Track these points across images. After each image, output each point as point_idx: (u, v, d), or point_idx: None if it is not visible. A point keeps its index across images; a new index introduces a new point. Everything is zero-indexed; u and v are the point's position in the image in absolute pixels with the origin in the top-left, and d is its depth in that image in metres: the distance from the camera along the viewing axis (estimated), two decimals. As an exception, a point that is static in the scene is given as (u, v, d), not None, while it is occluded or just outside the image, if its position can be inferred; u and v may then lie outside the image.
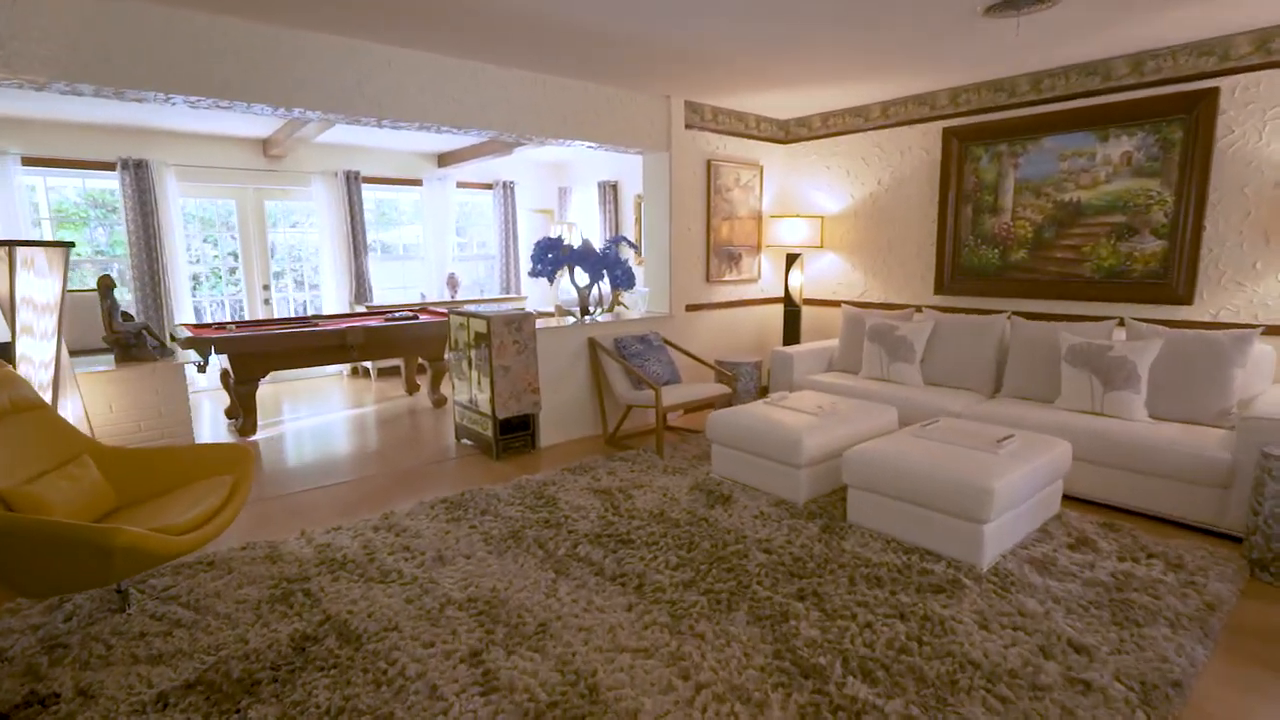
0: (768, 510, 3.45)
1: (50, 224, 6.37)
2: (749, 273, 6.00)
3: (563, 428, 4.87)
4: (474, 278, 8.74)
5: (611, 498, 3.66)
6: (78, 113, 5.49)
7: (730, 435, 3.80)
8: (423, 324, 5.61)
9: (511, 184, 8.39)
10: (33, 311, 2.76)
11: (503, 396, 4.41)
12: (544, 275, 4.77)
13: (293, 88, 3.57)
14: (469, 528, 3.30)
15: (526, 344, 4.48)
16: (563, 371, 4.81)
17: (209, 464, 2.84)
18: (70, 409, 2.90)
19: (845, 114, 5.53)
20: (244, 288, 7.05)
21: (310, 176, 7.07)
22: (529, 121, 4.49)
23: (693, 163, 5.42)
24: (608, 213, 8.05)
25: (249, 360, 4.90)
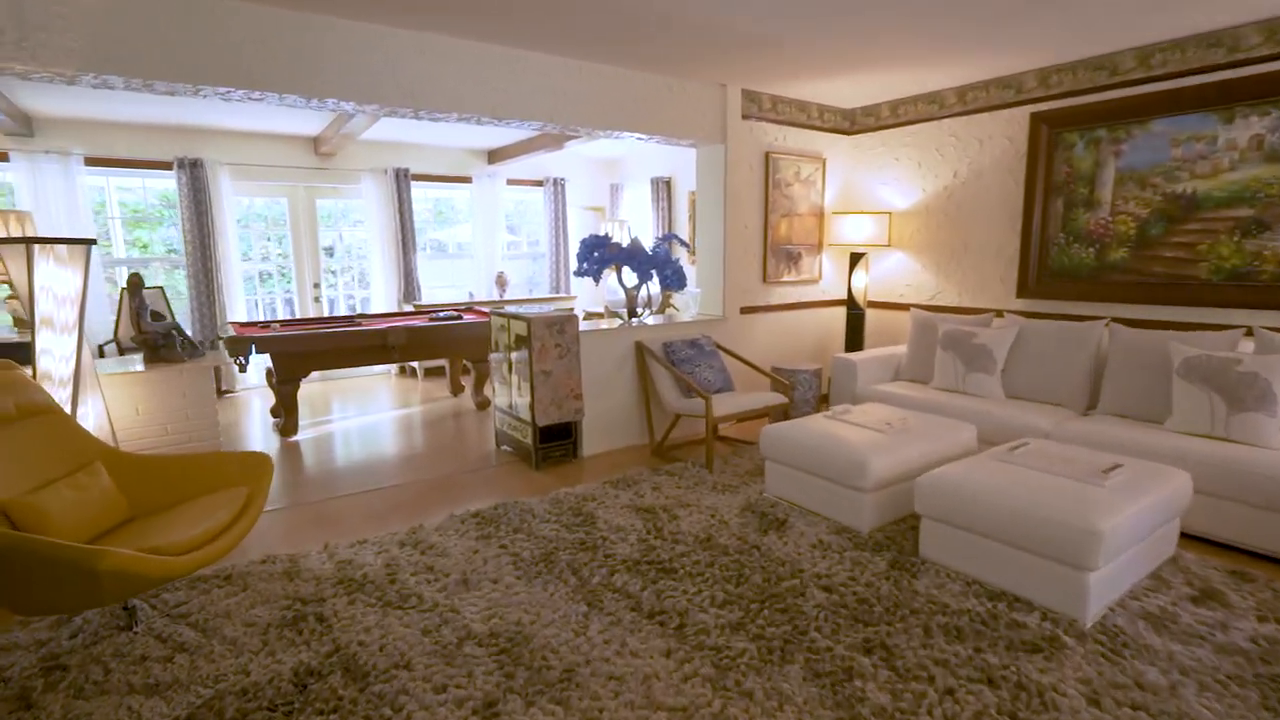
0: (827, 539, 3.09)
1: (120, 223, 6.50)
2: (809, 273, 5.60)
3: (606, 436, 4.60)
4: (523, 276, 8.58)
5: (654, 518, 3.36)
6: (136, 113, 5.54)
7: (787, 452, 3.45)
8: (466, 324, 5.44)
9: (562, 181, 8.19)
10: (53, 310, 2.65)
11: (543, 403, 4.16)
12: (589, 275, 4.51)
13: (323, 77, 3.40)
14: (499, 547, 3.06)
15: (569, 347, 4.23)
16: (608, 377, 4.54)
17: (226, 474, 2.68)
18: (92, 411, 2.80)
19: (917, 101, 5.08)
20: (295, 286, 7.06)
21: (360, 174, 7.02)
22: (575, 112, 4.23)
23: (750, 155, 5.07)
24: (660, 210, 7.75)
25: (290, 360, 4.81)
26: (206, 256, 6.25)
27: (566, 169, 8.30)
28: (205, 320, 6.31)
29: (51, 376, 2.67)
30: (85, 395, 2.78)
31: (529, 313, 4.26)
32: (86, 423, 2.77)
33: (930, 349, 4.55)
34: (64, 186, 5.72)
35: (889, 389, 4.44)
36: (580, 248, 4.57)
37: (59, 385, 2.67)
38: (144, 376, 3.08)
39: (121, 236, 6.51)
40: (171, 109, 5.44)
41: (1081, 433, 3.43)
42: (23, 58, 2.84)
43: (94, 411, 2.81)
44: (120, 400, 3.04)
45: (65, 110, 5.40)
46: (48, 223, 5.67)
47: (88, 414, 2.78)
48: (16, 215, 5.28)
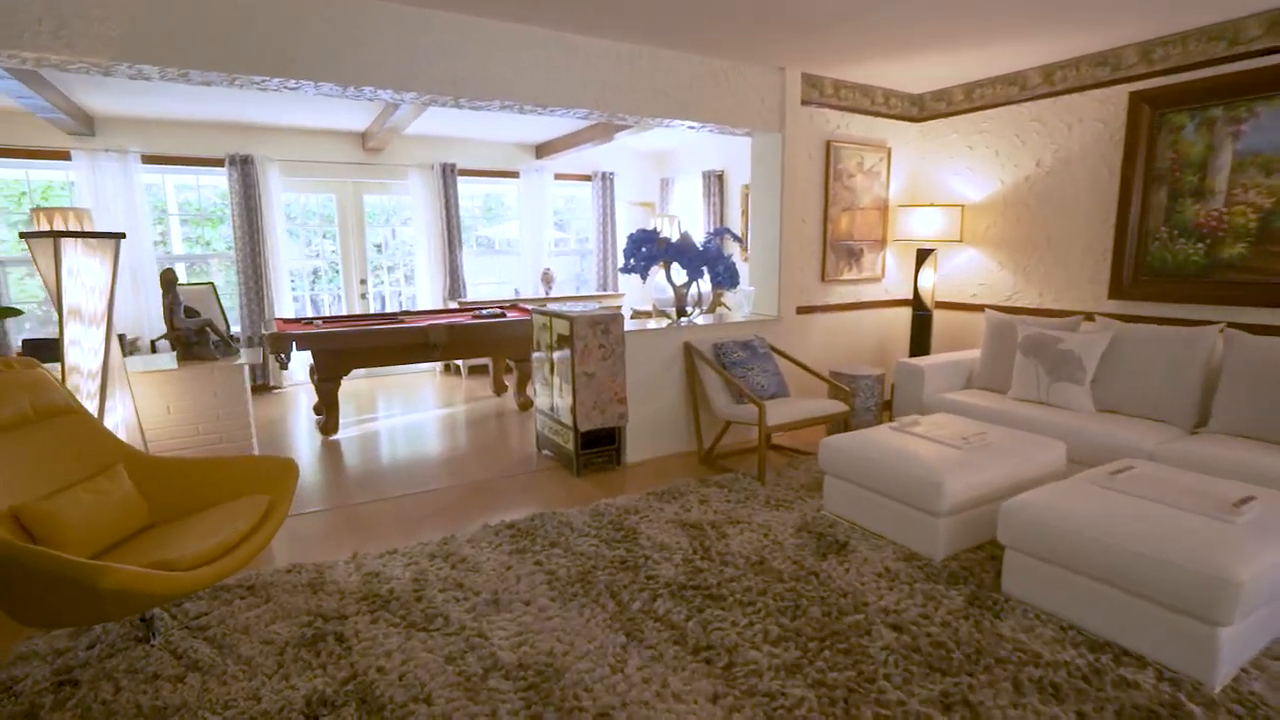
0: (895, 567, 2.77)
1: (178, 220, 6.60)
2: (871, 271, 5.23)
3: (652, 442, 4.35)
4: (570, 273, 8.41)
5: (702, 535, 3.10)
6: (189, 110, 5.57)
7: (848, 467, 3.13)
8: (508, 322, 5.27)
9: (611, 175, 7.98)
10: (81, 306, 2.57)
11: (585, 407, 3.94)
12: (636, 271, 4.27)
13: (359, 65, 3.25)
14: (534, 564, 2.85)
15: (614, 348, 4.00)
16: (654, 379, 4.29)
17: (251, 479, 2.55)
18: (121, 410, 2.71)
19: (995, 83, 4.65)
20: (342, 282, 7.05)
21: (407, 169, 6.96)
22: (623, 99, 3.99)
23: (809, 144, 4.74)
24: (712, 205, 7.46)
25: (331, 357, 4.73)
26: (256, 253, 6.28)
27: (615, 163, 8.09)
28: (255, 317, 6.33)
29: (80, 374, 2.58)
30: (114, 393, 2.69)
31: (571, 311, 4.05)
32: (114, 422, 2.68)
33: (1007, 355, 4.15)
34: (122, 184, 5.80)
35: (960, 398, 4.05)
36: (627, 243, 4.34)
37: (88, 378, 2.59)
38: (176, 375, 3.00)
39: (179, 233, 6.61)
40: (223, 105, 5.45)
41: (1192, 454, 3.01)
42: (58, 47, 2.77)
43: (123, 410, 2.73)
44: (152, 399, 2.95)
45: (123, 108, 5.46)
46: (106, 220, 5.76)
47: (116, 412, 2.70)
48: (75, 213, 5.36)
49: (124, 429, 2.71)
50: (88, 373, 2.60)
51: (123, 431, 2.71)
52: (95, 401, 2.60)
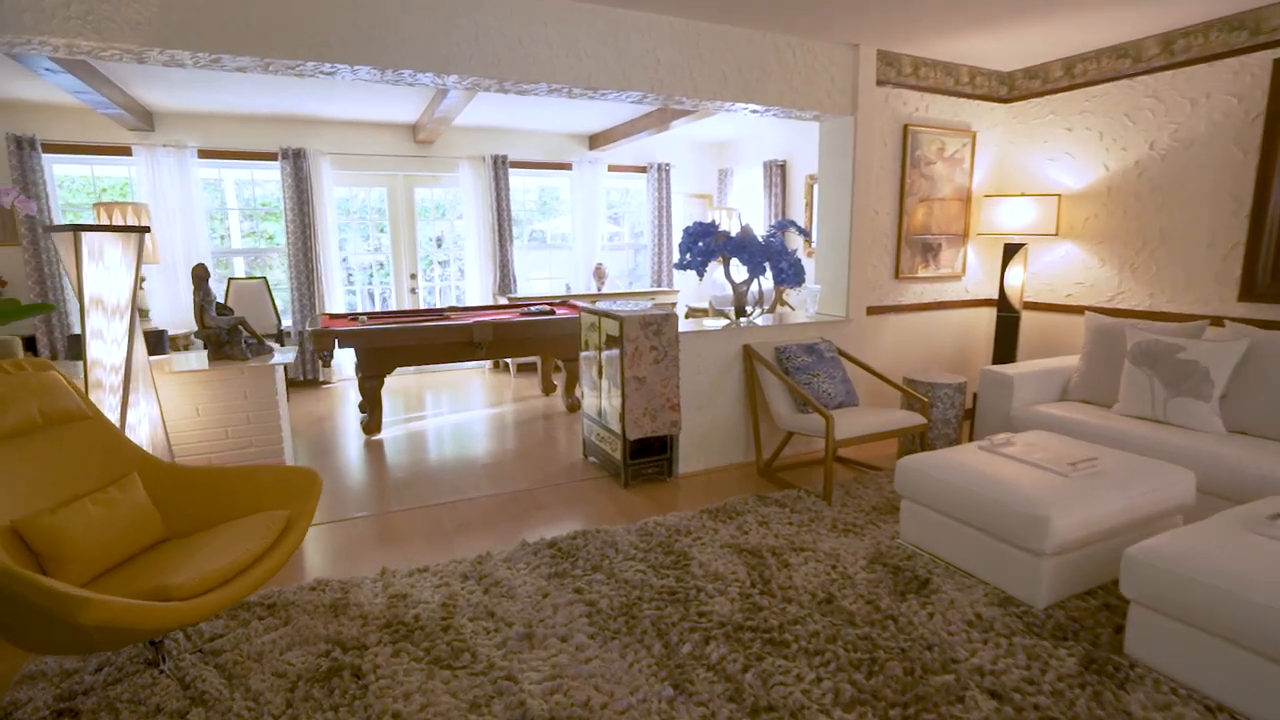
0: (987, 613, 2.38)
1: (239, 214, 6.63)
2: (950, 267, 4.76)
3: (706, 452, 4.03)
4: (624, 269, 8.14)
5: (761, 564, 2.77)
6: (244, 104, 5.53)
7: (930, 492, 2.75)
8: (556, 320, 5.03)
9: (667, 166, 7.66)
10: (103, 305, 2.43)
11: (635, 413, 3.66)
12: (692, 268, 3.95)
13: (397, 47, 3.04)
14: (573, 591, 2.58)
15: (666, 351, 3.69)
16: (710, 385, 3.97)
17: (271, 491, 2.36)
18: (145, 412, 2.57)
19: (1102, 55, 4.12)
20: (392, 277, 6.96)
21: (458, 161, 6.81)
22: (680, 81, 3.67)
23: (884, 129, 4.31)
24: (773, 197, 7.06)
25: (372, 355, 4.58)
26: (307, 247, 6.23)
27: (671, 153, 7.77)
28: (306, 312, 6.30)
29: (103, 369, 2.45)
30: (138, 395, 2.55)
31: (621, 310, 3.76)
32: (139, 426, 2.54)
33: (1113, 364, 3.65)
34: (179, 179, 5.82)
35: (1056, 412, 3.58)
36: (683, 237, 4.02)
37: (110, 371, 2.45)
38: (205, 375, 2.85)
39: (239, 228, 6.64)
40: (276, 98, 5.38)
41: (1358, 490, 2.50)
42: (87, 33, 2.64)
43: (148, 413, 2.59)
44: (180, 400, 2.82)
45: (180, 103, 5.46)
46: (163, 215, 5.80)
47: (141, 415, 2.56)
48: (134, 207, 5.40)
49: (148, 432, 2.58)
50: (110, 368, 2.46)
51: (146, 435, 2.57)
52: (118, 402, 2.46)
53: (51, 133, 5.51)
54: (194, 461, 2.86)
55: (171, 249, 5.86)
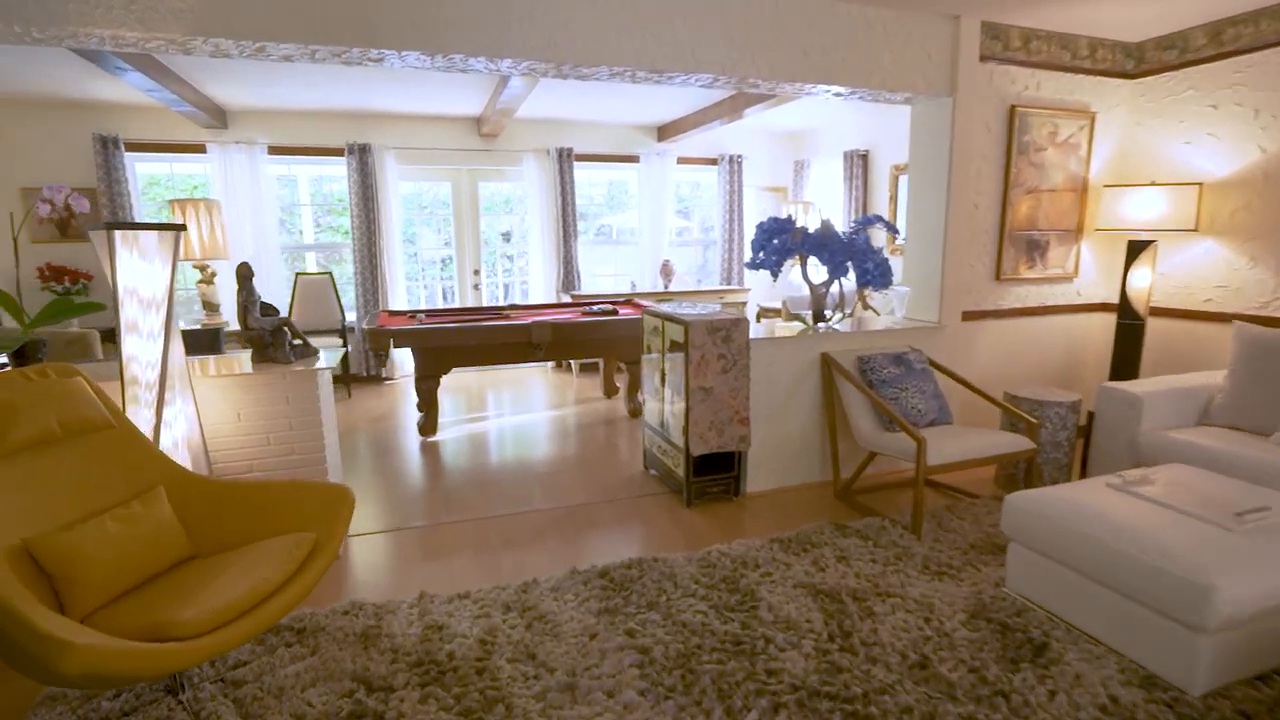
0: (1125, 696, 1.94)
1: (311, 210, 6.68)
2: (1060, 267, 4.21)
3: (777, 469, 3.67)
4: (692, 266, 7.80)
5: (841, 610, 2.41)
6: (312, 99, 5.50)
7: (1046, 536, 2.31)
8: (619, 321, 4.76)
9: (739, 158, 7.27)
10: (138, 304, 2.31)
11: (699, 427, 3.34)
12: (767, 267, 3.59)
13: (446, 30, 2.82)
14: (624, 633, 2.29)
15: (736, 359, 3.36)
16: (783, 396, 3.61)
17: (300, 508, 2.18)
18: (182, 417, 2.45)
19: (1261, 17, 3.50)
20: (456, 273, 6.87)
21: (522, 155, 6.63)
22: (755, 61, 3.31)
23: (988, 110, 3.82)
24: (854, 190, 6.56)
25: (428, 355, 4.44)
26: (371, 243, 6.19)
27: (744, 144, 7.37)
28: (370, 308, 6.27)
29: (139, 372, 2.33)
30: (174, 399, 2.43)
31: (686, 314, 3.45)
32: (175, 432, 2.42)
33: (1269, 383, 3.07)
34: (250, 175, 5.87)
35: (1198, 440, 3.04)
36: (756, 234, 3.67)
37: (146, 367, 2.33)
38: (247, 379, 2.72)
39: (311, 224, 6.68)
40: (342, 92, 5.33)
41: None
42: (131, 23, 2.53)
43: (185, 417, 2.47)
44: (221, 404, 2.69)
45: (250, 100, 5.49)
46: (235, 210, 5.86)
47: (177, 420, 2.44)
48: (205, 204, 5.46)
49: (184, 439, 2.45)
50: (145, 370, 2.34)
51: (183, 442, 2.44)
52: (153, 408, 2.34)
53: (133, 132, 5.64)
54: (236, 469, 2.74)
55: (242, 244, 5.92)
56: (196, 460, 2.51)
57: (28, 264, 5.55)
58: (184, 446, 2.46)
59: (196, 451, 2.52)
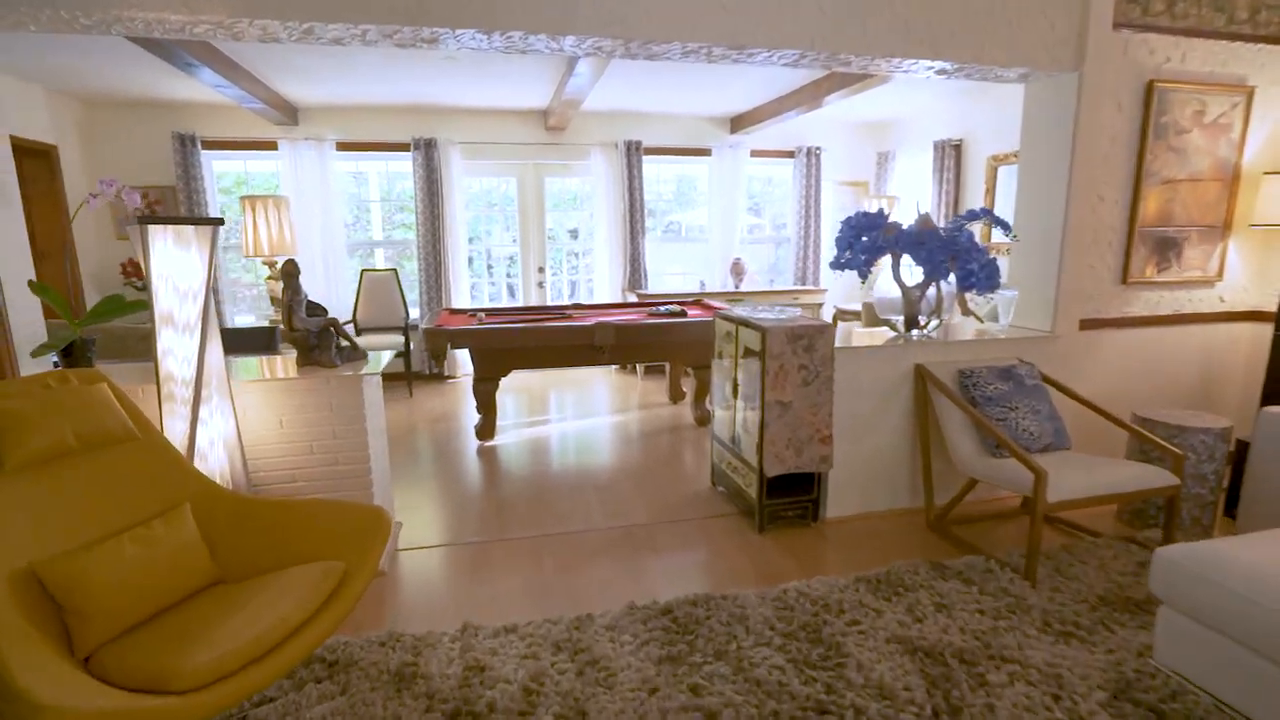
0: (1339, 826, 1.50)
1: (381, 206, 6.65)
2: (1200, 269, 3.63)
3: (861, 493, 3.29)
4: (765, 264, 7.39)
5: (945, 676, 2.03)
6: (379, 94, 5.42)
7: (1212, 604, 1.86)
8: (686, 324, 4.44)
9: (817, 150, 6.82)
10: (173, 303, 2.16)
11: (775, 445, 2.99)
12: (854, 267, 3.20)
13: (505, 6, 2.57)
14: (687, 689, 1.98)
15: (819, 370, 2.99)
16: (870, 412, 3.22)
17: (334, 533, 1.97)
18: (220, 424, 2.29)
19: None
20: (520, 270, 6.70)
21: (589, 149, 6.40)
22: (848, 34, 2.94)
23: (1120, 87, 3.31)
24: (944, 183, 6.02)
25: (486, 357, 4.25)
26: (436, 239, 6.09)
27: (823, 135, 6.91)
28: (433, 306, 6.18)
29: (173, 376, 2.19)
30: (211, 405, 2.28)
31: (764, 318, 3.10)
32: (211, 440, 2.27)
33: None
34: (318, 171, 5.86)
35: (1396, 482, 2.48)
36: (842, 229, 3.28)
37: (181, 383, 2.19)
38: (289, 384, 2.56)
39: (380, 220, 6.64)
40: (409, 86, 5.22)
41: None
42: (175, 5, 2.39)
43: (223, 425, 2.32)
44: (263, 409, 2.54)
45: (319, 96, 5.45)
46: (303, 206, 5.86)
47: (214, 427, 2.29)
48: (274, 200, 5.47)
49: (221, 447, 2.30)
50: (181, 378, 2.20)
51: (220, 450, 2.29)
52: (188, 405, 2.19)
53: (209, 129, 5.71)
54: (277, 478, 2.59)
55: (309, 241, 5.92)
56: (234, 466, 2.36)
57: (112, 260, 5.71)
58: (220, 446, 2.30)
59: (234, 454, 2.37)
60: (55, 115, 5.24)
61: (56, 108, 5.26)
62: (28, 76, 4.87)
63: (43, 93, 5.14)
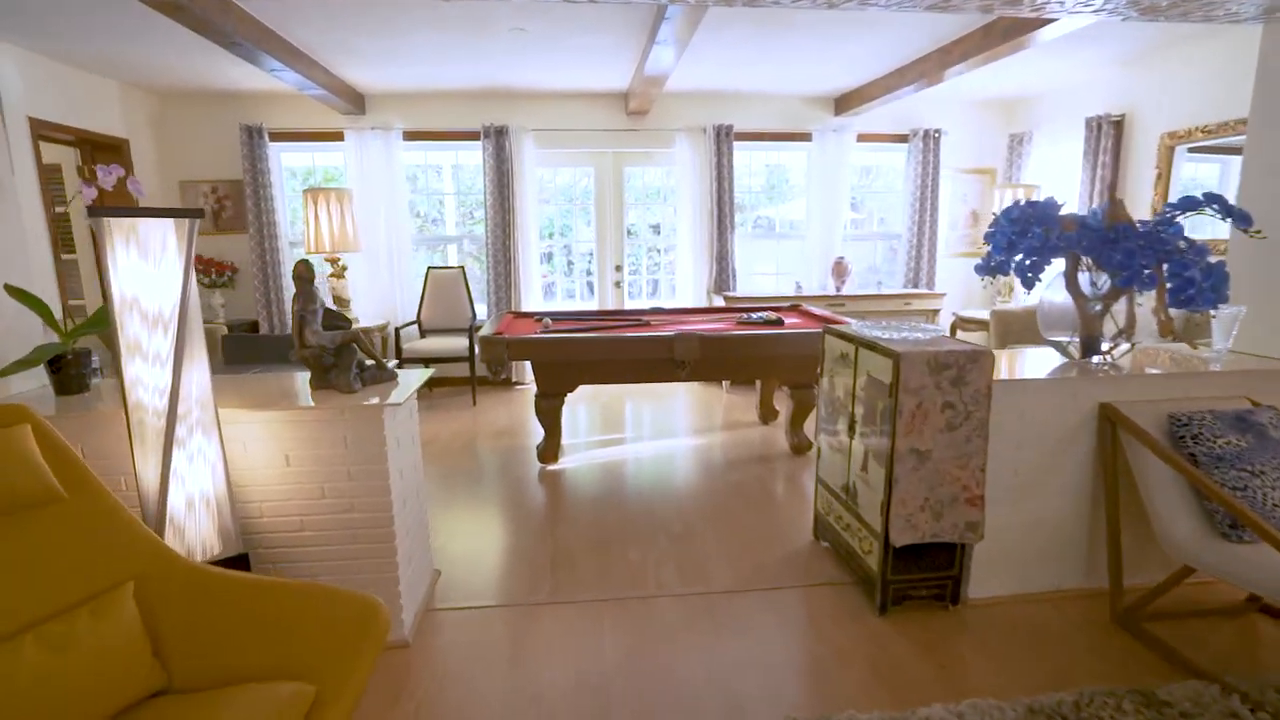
0: None
1: (455, 199, 6.27)
2: None
3: (1018, 567, 2.51)
4: (868, 263, 6.54)
5: None
6: (449, 77, 5.00)
7: None
8: (784, 336, 3.75)
9: (936, 133, 5.92)
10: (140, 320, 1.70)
11: (907, 506, 2.28)
12: (1020, 274, 2.43)
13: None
14: None
15: (970, 411, 2.25)
16: (1036, 464, 2.44)
17: (312, 634, 1.45)
18: (201, 468, 1.82)
19: None
20: (595, 269, 6.16)
21: (674, 134, 5.77)
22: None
23: None
24: (1098, 169, 5.02)
25: (550, 371, 3.71)
26: (506, 235, 5.63)
27: (943, 116, 6.00)
28: (502, 305, 5.73)
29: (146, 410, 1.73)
30: (192, 444, 1.81)
31: (894, 339, 2.39)
32: (189, 485, 1.80)
33: None
34: (384, 162, 5.52)
35: None
36: (1000, 224, 2.51)
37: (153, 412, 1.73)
38: (296, 414, 2.07)
39: (455, 213, 6.25)
40: (479, 68, 4.76)
41: None
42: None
43: (205, 470, 1.85)
44: (267, 442, 2.07)
45: (385, 81, 5.08)
46: (368, 199, 5.54)
47: (196, 472, 1.82)
48: (337, 193, 5.14)
49: (202, 498, 1.83)
50: (153, 391, 1.73)
51: (199, 502, 1.82)
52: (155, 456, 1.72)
53: (275, 120, 5.46)
54: (283, 525, 2.13)
55: (374, 236, 5.58)
56: (220, 518, 1.89)
57: (181, 255, 5.55)
58: (200, 507, 1.83)
59: (221, 504, 1.89)
60: (128, 109, 5.11)
61: (129, 101, 5.13)
62: (103, 71, 4.74)
63: (117, 87, 5.01)
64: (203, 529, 1.83)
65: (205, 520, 1.84)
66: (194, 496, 1.82)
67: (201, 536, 1.83)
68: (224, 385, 2.29)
